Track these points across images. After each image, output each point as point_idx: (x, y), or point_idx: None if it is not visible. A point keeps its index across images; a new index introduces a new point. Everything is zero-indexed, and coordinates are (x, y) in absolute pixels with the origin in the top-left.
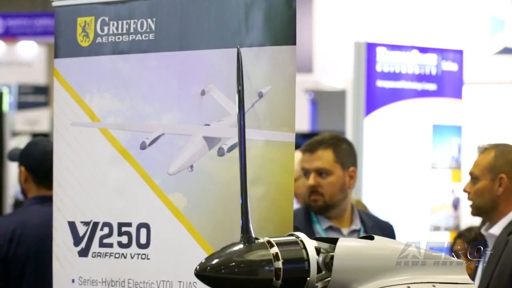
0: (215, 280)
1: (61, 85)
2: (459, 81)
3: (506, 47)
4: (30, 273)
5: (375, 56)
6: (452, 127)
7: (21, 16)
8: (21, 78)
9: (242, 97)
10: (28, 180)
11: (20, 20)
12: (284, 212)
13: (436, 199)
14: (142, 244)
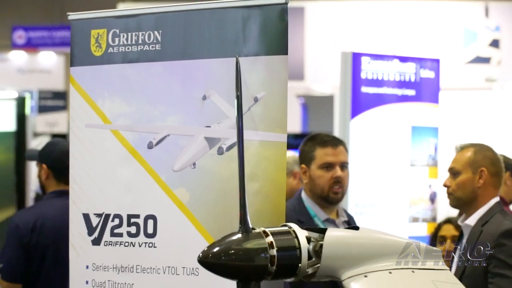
0: (216, 266)
1: (76, 90)
2: (436, 87)
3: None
4: (50, 259)
5: (360, 65)
6: (429, 129)
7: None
8: (41, 85)
9: (240, 102)
10: (49, 176)
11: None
12: (277, 205)
13: (415, 193)
14: (149, 234)
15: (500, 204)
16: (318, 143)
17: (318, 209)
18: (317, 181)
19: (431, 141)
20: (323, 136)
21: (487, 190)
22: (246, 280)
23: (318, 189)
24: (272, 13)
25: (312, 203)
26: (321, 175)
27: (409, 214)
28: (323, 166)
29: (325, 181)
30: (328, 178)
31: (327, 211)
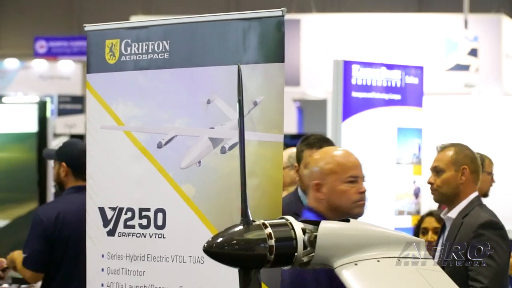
0: (219, 255)
1: (92, 95)
2: (420, 92)
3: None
4: (71, 250)
5: (351, 72)
6: (413, 130)
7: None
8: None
9: (242, 106)
10: (68, 173)
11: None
12: (274, 199)
13: (400, 189)
14: (159, 225)
15: (478, 198)
16: (306, 145)
17: None
18: (304, 180)
19: (415, 141)
20: (312, 138)
21: (468, 185)
22: (247, 268)
23: (305, 186)
24: (270, 24)
25: (306, 198)
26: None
27: (395, 207)
28: None
29: None
30: None
31: None
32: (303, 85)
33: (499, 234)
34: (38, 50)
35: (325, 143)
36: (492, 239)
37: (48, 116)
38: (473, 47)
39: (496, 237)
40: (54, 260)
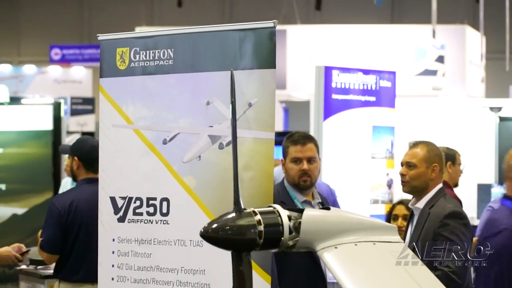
0: (215, 239)
1: (104, 97)
2: (392, 95)
3: (426, 69)
4: (82, 234)
5: (331, 76)
6: (387, 128)
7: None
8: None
9: (234, 107)
10: (80, 167)
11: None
12: (266, 190)
13: (375, 180)
14: (164, 213)
15: (442, 190)
16: (291, 142)
17: (297, 193)
18: (289, 172)
19: (388, 138)
20: (296, 135)
21: (436, 180)
22: (239, 251)
23: (290, 178)
24: (263, 35)
25: (292, 189)
26: (292, 168)
27: (370, 197)
28: (293, 161)
29: (295, 173)
30: (297, 170)
31: (304, 194)
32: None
33: (462, 223)
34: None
35: (308, 140)
36: (456, 227)
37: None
38: (440, 54)
39: (460, 226)
40: (68, 244)
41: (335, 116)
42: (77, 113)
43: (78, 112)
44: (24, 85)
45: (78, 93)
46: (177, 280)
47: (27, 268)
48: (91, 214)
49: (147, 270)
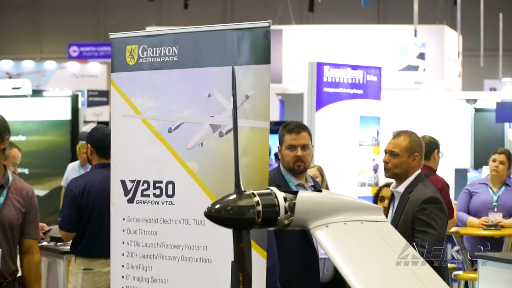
0: (217, 219)
1: (116, 90)
2: (378, 88)
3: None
4: (95, 214)
5: (323, 71)
6: (373, 118)
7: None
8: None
9: (235, 99)
10: (93, 153)
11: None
12: (261, 174)
13: (362, 165)
14: (169, 195)
15: (421, 175)
16: (286, 130)
17: (291, 177)
18: (285, 158)
19: (374, 127)
20: (291, 124)
21: (415, 167)
22: (239, 229)
23: (286, 163)
24: (259, 33)
25: (287, 173)
26: (287, 154)
27: (358, 180)
28: (289, 147)
29: (290, 158)
30: (292, 156)
31: (298, 178)
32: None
33: (438, 208)
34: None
35: (302, 129)
36: (433, 212)
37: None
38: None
39: (436, 210)
40: (82, 222)
41: (326, 107)
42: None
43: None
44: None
45: (94, 86)
46: (181, 256)
47: (48, 245)
48: (103, 196)
49: (153, 247)
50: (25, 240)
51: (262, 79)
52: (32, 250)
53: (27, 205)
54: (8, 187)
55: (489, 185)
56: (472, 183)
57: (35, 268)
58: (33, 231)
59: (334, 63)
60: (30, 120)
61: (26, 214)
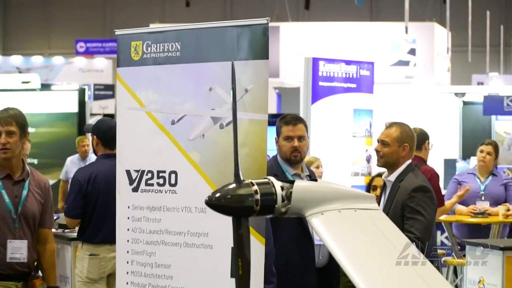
0: (217, 207)
1: (121, 84)
2: (371, 82)
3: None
4: (100, 202)
5: (318, 66)
6: (366, 111)
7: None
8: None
9: (235, 92)
10: (98, 144)
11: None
12: (260, 164)
13: (355, 156)
14: (172, 184)
15: (411, 165)
16: (283, 122)
17: (288, 167)
18: (282, 149)
19: (367, 119)
20: (288, 117)
21: (406, 157)
22: (238, 216)
23: (283, 154)
24: (258, 30)
25: (284, 163)
26: (284, 145)
27: (351, 170)
28: (286, 139)
29: (287, 149)
30: (289, 147)
31: (294, 168)
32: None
33: (427, 196)
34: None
35: (299, 121)
36: (422, 200)
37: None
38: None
39: (425, 199)
40: (88, 210)
41: (322, 100)
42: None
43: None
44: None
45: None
46: (184, 242)
47: (56, 232)
48: (108, 185)
49: (157, 233)
50: (42, 229)
51: (260, 74)
52: (48, 239)
53: (45, 196)
54: (28, 180)
55: (477, 175)
56: (461, 173)
57: (51, 257)
58: (49, 221)
59: (329, 59)
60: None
61: (44, 205)
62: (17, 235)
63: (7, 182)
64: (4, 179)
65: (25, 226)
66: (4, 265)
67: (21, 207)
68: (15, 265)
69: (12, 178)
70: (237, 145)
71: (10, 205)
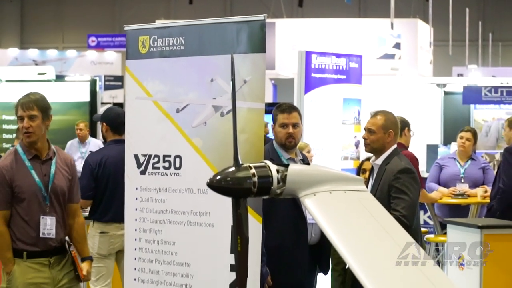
0: (218, 188)
1: (129, 75)
2: (359, 74)
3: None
4: (111, 184)
5: (311, 59)
6: (355, 100)
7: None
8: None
9: (234, 83)
10: (108, 130)
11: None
12: (257, 149)
13: (345, 141)
14: (177, 167)
15: (396, 150)
16: (279, 110)
17: (283, 151)
18: (278, 135)
19: (356, 108)
20: (284, 105)
21: (391, 143)
22: (237, 197)
23: (278, 139)
24: (255, 26)
25: (279, 148)
26: (280, 131)
27: (341, 154)
28: (281, 126)
29: (282, 135)
30: (284, 133)
31: (289, 153)
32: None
33: (411, 177)
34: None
35: (293, 109)
36: (406, 180)
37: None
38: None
39: (410, 179)
40: (99, 191)
41: (314, 90)
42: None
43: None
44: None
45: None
46: (187, 221)
47: None
48: (117, 168)
49: (163, 213)
50: (71, 204)
51: (258, 66)
52: (77, 213)
53: (72, 172)
54: (55, 158)
55: (457, 159)
56: (442, 158)
57: (82, 229)
58: (76, 196)
59: (321, 52)
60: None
61: (71, 181)
62: (48, 211)
63: (36, 162)
64: (32, 160)
65: (56, 202)
66: (37, 241)
67: (51, 185)
68: (48, 241)
69: (39, 158)
70: (236, 131)
71: (40, 183)
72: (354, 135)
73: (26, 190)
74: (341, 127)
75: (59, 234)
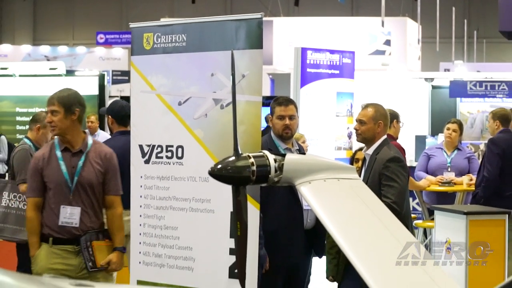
0: (219, 177)
1: (134, 70)
2: (352, 69)
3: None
4: None
5: (306, 55)
6: (347, 93)
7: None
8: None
9: (233, 77)
10: (113, 122)
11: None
12: (255, 140)
13: (338, 132)
14: (179, 157)
15: (386, 140)
16: (277, 103)
17: (280, 142)
18: (275, 126)
19: (348, 101)
20: (281, 99)
21: (381, 133)
22: (237, 185)
23: (276, 131)
24: (253, 23)
25: (277, 139)
26: (277, 123)
27: (335, 145)
28: (278, 118)
29: (280, 127)
30: (281, 125)
31: (286, 143)
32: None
33: (400, 165)
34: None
35: (290, 102)
36: (395, 169)
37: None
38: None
39: (399, 168)
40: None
41: (309, 85)
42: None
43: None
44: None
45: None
46: (189, 207)
47: None
48: (123, 157)
49: (166, 200)
50: (107, 196)
51: (255, 61)
52: (114, 205)
53: (105, 165)
54: (87, 151)
55: (444, 149)
56: (430, 148)
57: (118, 220)
58: (113, 188)
59: (316, 48)
60: None
61: (106, 174)
62: (72, 202)
63: (66, 154)
64: (63, 152)
65: (82, 193)
66: (58, 228)
67: (77, 177)
68: (72, 229)
69: (70, 150)
70: (236, 123)
71: (66, 174)
72: (347, 126)
73: (53, 180)
74: (335, 119)
75: (85, 224)
